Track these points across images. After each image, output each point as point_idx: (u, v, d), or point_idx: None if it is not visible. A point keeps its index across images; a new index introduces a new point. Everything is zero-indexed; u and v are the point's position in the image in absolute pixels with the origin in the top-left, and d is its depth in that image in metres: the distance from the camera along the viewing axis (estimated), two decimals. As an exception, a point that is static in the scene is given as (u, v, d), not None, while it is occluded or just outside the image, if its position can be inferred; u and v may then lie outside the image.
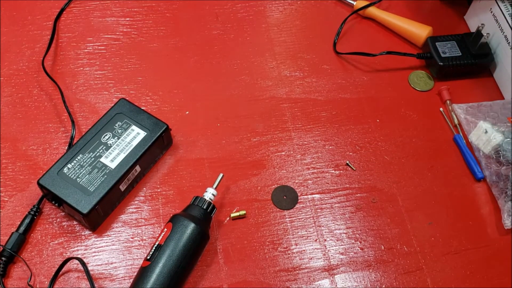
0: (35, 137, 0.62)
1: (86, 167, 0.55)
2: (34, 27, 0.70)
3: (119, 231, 0.56)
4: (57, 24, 0.70)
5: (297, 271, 0.55)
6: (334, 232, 0.57)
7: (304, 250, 0.56)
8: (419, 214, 0.59)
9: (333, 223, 0.57)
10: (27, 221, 0.55)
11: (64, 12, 0.72)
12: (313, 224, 0.57)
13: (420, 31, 0.70)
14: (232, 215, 0.57)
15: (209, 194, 0.53)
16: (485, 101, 0.65)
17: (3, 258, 0.53)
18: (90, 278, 0.52)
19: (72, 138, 0.60)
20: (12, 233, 0.54)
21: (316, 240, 0.56)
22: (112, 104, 0.60)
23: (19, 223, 0.55)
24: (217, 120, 0.64)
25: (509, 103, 0.64)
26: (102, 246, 0.55)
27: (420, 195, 0.60)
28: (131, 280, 0.53)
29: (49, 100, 0.64)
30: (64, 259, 0.53)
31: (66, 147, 0.60)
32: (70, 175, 0.55)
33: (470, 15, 0.73)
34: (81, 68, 0.67)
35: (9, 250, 0.53)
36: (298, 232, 0.57)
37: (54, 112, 0.64)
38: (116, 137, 0.57)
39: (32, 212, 0.55)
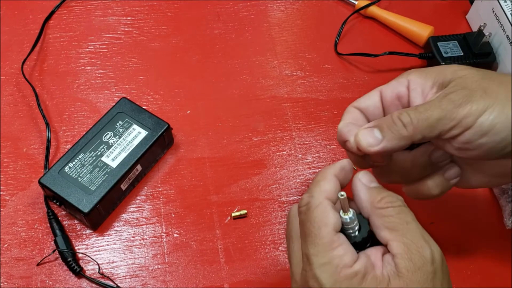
0: (36, 136, 0.62)
1: (87, 166, 0.55)
2: (35, 26, 0.70)
3: (120, 230, 0.56)
4: (46, 24, 0.70)
5: (298, 271, 0.54)
6: (335, 232, 0.57)
7: (305, 250, 0.56)
8: (420, 214, 0.58)
9: (334, 222, 0.57)
10: (55, 224, 0.55)
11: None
12: (314, 224, 0.57)
13: (421, 31, 0.70)
14: (233, 214, 0.57)
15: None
16: (487, 101, 0.65)
17: (69, 259, 0.53)
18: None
19: (48, 141, 0.59)
20: (54, 239, 0.54)
21: (317, 240, 0.56)
22: (114, 103, 0.60)
23: (20, 222, 0.56)
24: (218, 119, 0.64)
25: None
26: (103, 245, 0.55)
27: (421, 195, 0.60)
28: (132, 279, 0.53)
29: (50, 99, 0.64)
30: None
31: (67, 146, 0.60)
32: (71, 174, 0.55)
33: (472, 15, 0.73)
34: (83, 67, 0.67)
35: (67, 250, 0.53)
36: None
37: (56, 111, 0.64)
38: (117, 136, 0.57)
39: (51, 216, 0.55)
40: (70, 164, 0.55)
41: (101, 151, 0.56)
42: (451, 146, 0.42)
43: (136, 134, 0.58)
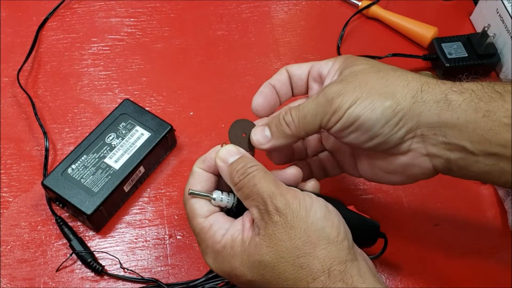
0: (39, 137, 0.62)
1: (90, 168, 0.55)
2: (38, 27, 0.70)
3: (123, 232, 0.56)
4: (46, 26, 0.70)
5: (301, 273, 0.54)
6: (338, 234, 0.56)
7: (308, 252, 0.55)
8: (424, 215, 0.58)
9: (338, 224, 0.57)
10: (66, 229, 0.55)
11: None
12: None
13: (425, 32, 0.69)
14: (236, 216, 0.57)
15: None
16: (491, 102, 0.64)
17: (89, 260, 0.53)
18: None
19: (46, 150, 0.59)
20: (70, 244, 0.54)
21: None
22: (117, 105, 0.60)
23: (23, 223, 0.56)
24: (221, 121, 0.64)
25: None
26: (106, 247, 0.55)
27: (425, 196, 0.59)
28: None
29: (53, 100, 0.64)
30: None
31: (70, 148, 0.60)
32: (74, 175, 0.55)
33: (476, 16, 0.72)
34: (86, 69, 0.67)
35: (84, 251, 0.54)
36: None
37: (59, 112, 0.64)
38: (120, 138, 0.57)
39: (60, 222, 0.55)
40: (73, 166, 0.55)
41: (104, 152, 0.56)
42: (332, 134, 0.44)
43: (139, 136, 0.58)
